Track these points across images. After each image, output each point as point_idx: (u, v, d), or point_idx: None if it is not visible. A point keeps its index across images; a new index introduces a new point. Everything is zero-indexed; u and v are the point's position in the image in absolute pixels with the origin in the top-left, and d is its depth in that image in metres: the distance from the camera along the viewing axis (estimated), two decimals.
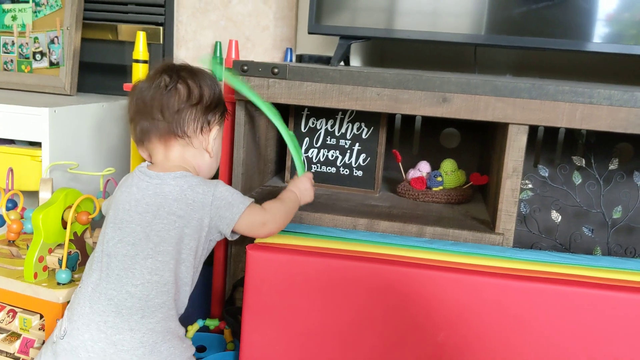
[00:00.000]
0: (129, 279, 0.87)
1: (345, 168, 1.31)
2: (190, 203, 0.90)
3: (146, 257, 0.88)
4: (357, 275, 0.95)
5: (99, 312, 0.86)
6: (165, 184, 0.91)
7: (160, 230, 0.88)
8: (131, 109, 0.96)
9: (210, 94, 0.96)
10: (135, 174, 0.94)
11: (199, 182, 0.92)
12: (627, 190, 1.21)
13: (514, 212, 1.06)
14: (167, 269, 0.88)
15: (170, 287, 0.89)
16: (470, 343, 0.92)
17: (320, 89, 1.08)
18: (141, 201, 0.90)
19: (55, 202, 1.01)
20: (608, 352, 0.90)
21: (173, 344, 0.90)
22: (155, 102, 0.93)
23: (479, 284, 0.91)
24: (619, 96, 0.98)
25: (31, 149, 1.35)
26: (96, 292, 0.88)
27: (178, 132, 0.93)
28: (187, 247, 0.90)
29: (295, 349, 0.98)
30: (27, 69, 1.62)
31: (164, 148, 0.95)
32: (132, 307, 0.87)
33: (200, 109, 0.94)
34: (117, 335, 0.86)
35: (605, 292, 0.89)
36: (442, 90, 1.04)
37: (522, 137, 1.04)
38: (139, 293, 0.87)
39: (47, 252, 1.02)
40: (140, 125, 0.94)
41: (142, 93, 0.94)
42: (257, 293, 0.97)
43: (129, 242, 0.89)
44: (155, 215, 0.89)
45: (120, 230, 0.89)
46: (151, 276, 0.88)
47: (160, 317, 0.88)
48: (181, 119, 0.93)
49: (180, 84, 0.94)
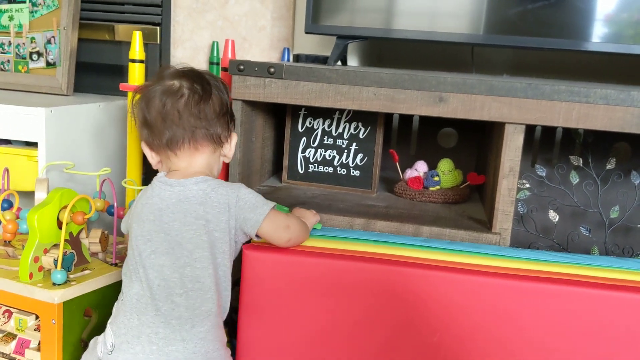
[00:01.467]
0: (172, 289, 0.87)
1: (342, 168, 1.31)
2: (215, 205, 0.90)
3: (184, 265, 0.88)
4: (353, 276, 0.94)
5: (147, 323, 0.86)
6: (187, 190, 0.90)
7: (193, 237, 0.88)
8: (154, 114, 0.92)
9: (229, 102, 0.99)
10: (155, 185, 0.93)
11: (220, 184, 0.92)
12: (625, 190, 1.21)
13: (510, 212, 1.06)
14: (206, 275, 0.89)
15: (213, 294, 0.89)
16: (467, 343, 0.92)
17: (316, 88, 1.08)
18: (165, 210, 0.90)
19: (51, 203, 1.01)
20: (604, 351, 0.90)
21: (221, 353, 0.91)
22: (192, 110, 0.91)
23: (476, 284, 0.91)
24: (615, 95, 0.97)
25: (27, 149, 1.35)
26: (141, 303, 0.88)
27: (215, 138, 0.94)
28: (220, 250, 0.90)
29: (292, 348, 0.97)
30: (23, 69, 1.62)
31: (192, 153, 0.93)
32: (180, 317, 0.87)
33: (227, 117, 0.97)
34: (170, 346, 0.86)
35: (602, 291, 0.89)
36: (439, 90, 1.04)
37: (519, 137, 1.03)
38: (185, 302, 0.87)
39: (42, 252, 1.01)
40: (170, 132, 0.91)
41: (168, 100, 0.91)
42: (253, 293, 0.97)
43: (162, 252, 0.88)
44: (183, 222, 0.89)
45: (151, 242, 0.89)
46: (192, 284, 0.88)
47: (210, 326, 0.89)
48: (217, 126, 0.94)
49: (213, 94, 0.94)
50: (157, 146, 0.94)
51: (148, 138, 0.95)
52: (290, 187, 1.32)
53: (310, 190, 1.30)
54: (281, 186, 1.32)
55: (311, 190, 1.30)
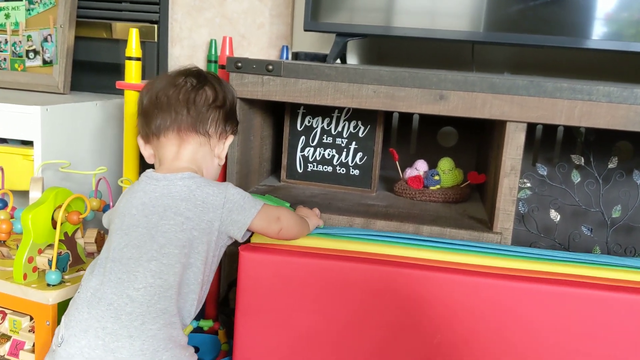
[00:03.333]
0: (131, 282, 0.84)
1: (341, 167, 1.29)
2: (199, 204, 0.88)
3: (150, 259, 0.85)
4: (351, 276, 0.93)
5: (97, 317, 0.83)
6: (172, 185, 0.89)
7: (167, 232, 0.86)
8: (147, 103, 0.94)
9: (232, 102, 0.98)
10: (141, 180, 0.92)
11: (207, 183, 0.90)
12: (627, 189, 1.20)
13: (512, 211, 1.05)
14: (171, 273, 0.85)
15: (174, 292, 0.86)
16: (468, 343, 0.91)
17: (315, 86, 1.07)
18: (148, 204, 0.88)
19: (45, 202, 1.00)
20: (606, 352, 0.88)
21: (175, 352, 0.86)
22: (181, 97, 0.92)
23: (475, 285, 0.90)
24: (618, 93, 0.96)
25: (23, 148, 1.33)
26: (95, 296, 0.85)
27: (200, 129, 0.93)
28: (195, 250, 0.87)
29: (289, 350, 0.96)
30: (20, 68, 1.60)
31: (179, 143, 0.93)
32: (132, 313, 0.83)
33: (223, 113, 0.95)
34: (116, 342, 0.82)
35: (604, 292, 0.88)
36: (439, 88, 1.03)
37: (520, 135, 1.02)
38: (141, 297, 0.84)
39: (36, 252, 1.00)
40: (159, 118, 0.92)
41: (164, 90, 0.93)
42: (250, 294, 0.96)
43: (134, 245, 0.86)
44: (161, 216, 0.87)
45: (127, 236, 0.87)
46: (154, 279, 0.84)
47: (162, 324, 0.85)
48: (206, 117, 0.93)
49: (208, 87, 0.95)
50: (147, 135, 0.94)
51: (141, 129, 0.95)
52: (289, 186, 1.31)
53: (310, 189, 1.29)
54: (280, 185, 1.31)
55: (310, 189, 1.29)
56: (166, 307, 0.85)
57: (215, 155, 0.96)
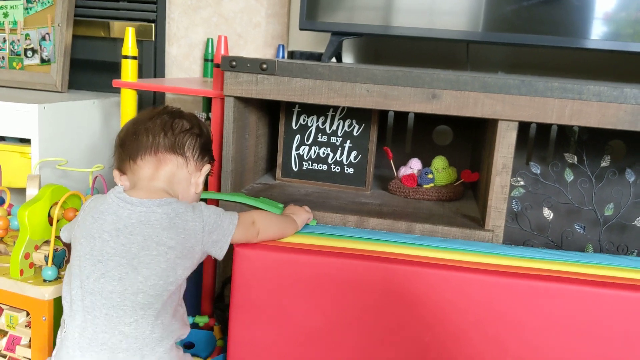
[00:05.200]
0: (120, 318, 0.81)
1: (336, 165, 1.30)
2: (180, 231, 0.86)
3: (136, 292, 0.82)
4: (344, 273, 0.94)
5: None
6: (151, 212, 0.85)
7: (150, 263, 0.83)
8: (124, 134, 0.93)
9: (207, 134, 0.98)
10: (111, 200, 0.87)
11: (186, 209, 0.88)
12: (619, 188, 1.21)
13: (503, 209, 1.06)
14: (159, 301, 0.84)
15: (165, 318, 0.85)
16: (460, 340, 0.92)
17: (309, 85, 1.08)
18: (123, 231, 0.84)
19: (42, 199, 1.01)
20: (597, 349, 0.89)
21: None
22: (157, 126, 0.92)
23: (469, 281, 0.91)
24: (608, 92, 0.97)
25: (21, 146, 1.35)
26: (84, 337, 0.82)
27: (177, 149, 0.92)
28: (180, 276, 0.86)
29: (283, 346, 0.97)
30: (18, 66, 1.61)
31: (156, 165, 0.91)
32: (128, 349, 0.81)
33: (200, 141, 0.95)
34: None
35: (595, 289, 0.89)
36: (432, 87, 1.04)
37: (512, 134, 1.03)
38: (134, 332, 0.82)
39: (33, 249, 1.01)
40: (136, 142, 0.91)
41: (142, 122, 0.93)
42: (244, 290, 0.97)
43: (114, 277, 0.82)
44: (142, 246, 0.83)
45: (102, 264, 0.83)
46: (144, 311, 0.82)
47: (162, 352, 0.84)
48: (183, 141, 0.93)
49: (184, 119, 0.96)
50: (123, 162, 0.92)
51: (118, 159, 0.94)
52: (284, 184, 1.32)
53: (304, 187, 1.30)
54: (275, 184, 1.32)
55: (305, 187, 1.30)
56: (162, 334, 0.84)
57: (192, 183, 0.95)
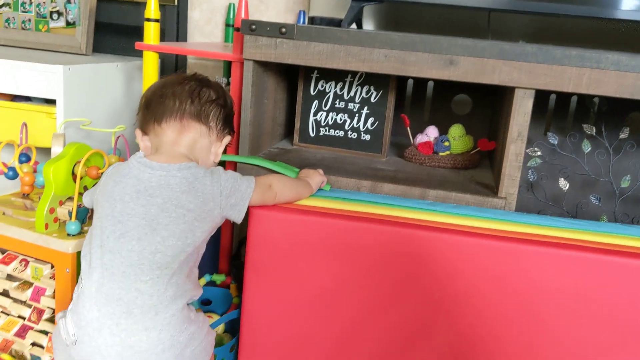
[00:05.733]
0: (137, 276, 0.84)
1: (353, 132, 1.32)
2: (199, 195, 0.88)
3: (154, 251, 0.85)
4: (358, 236, 0.96)
5: (108, 315, 0.84)
6: (171, 176, 0.88)
7: (169, 224, 0.86)
8: (150, 95, 0.95)
9: (231, 106, 1.00)
10: (132, 165, 0.91)
11: (204, 174, 0.90)
12: (637, 160, 1.20)
13: (517, 177, 1.06)
14: (176, 261, 0.86)
15: (179, 278, 0.87)
16: (466, 304, 0.94)
17: (327, 49, 1.08)
18: (143, 193, 0.87)
19: (66, 156, 1.04)
20: (604, 316, 0.90)
21: (190, 330, 0.89)
22: (185, 92, 0.94)
23: (476, 246, 0.92)
24: (626, 61, 0.96)
25: (47, 107, 1.38)
26: (101, 292, 0.85)
27: (202, 117, 0.94)
28: (198, 238, 0.89)
29: (295, 304, 1.00)
30: (44, 29, 1.64)
31: (180, 130, 0.93)
32: (143, 306, 0.84)
33: (224, 112, 0.97)
34: (132, 337, 0.83)
35: (604, 256, 0.89)
36: (450, 53, 1.04)
37: (528, 102, 1.03)
38: (150, 289, 0.84)
39: (57, 204, 1.05)
40: (163, 105, 0.93)
41: (170, 85, 0.95)
42: (259, 250, 1.00)
43: (134, 236, 0.85)
44: (162, 208, 0.86)
45: (122, 224, 0.86)
46: (160, 271, 0.85)
47: (175, 309, 0.86)
48: (209, 109, 0.95)
49: (211, 88, 0.97)
50: (147, 123, 0.94)
51: (141, 119, 0.96)
52: (301, 149, 1.34)
53: (320, 153, 1.32)
54: (292, 149, 1.34)
55: (321, 153, 1.32)
56: (175, 293, 0.87)
57: (212, 152, 0.97)
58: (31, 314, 1.08)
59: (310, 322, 1.00)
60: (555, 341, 0.92)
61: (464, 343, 0.95)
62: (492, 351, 0.94)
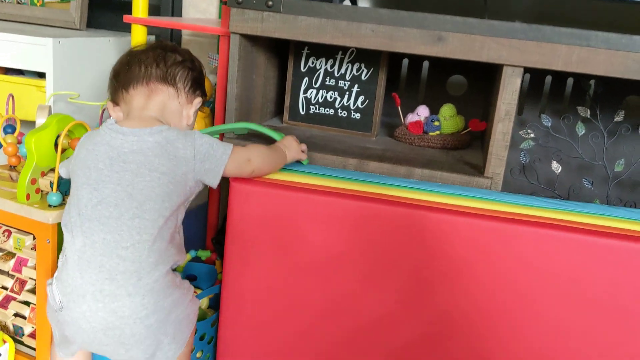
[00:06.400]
0: (117, 242, 0.85)
1: (343, 110, 1.30)
2: (172, 158, 0.88)
3: (132, 217, 0.85)
4: (339, 212, 0.95)
5: (91, 281, 0.85)
6: (142, 141, 0.88)
7: (144, 189, 0.86)
8: (118, 65, 0.97)
9: (199, 69, 1.00)
10: (104, 132, 0.91)
11: (177, 136, 0.90)
12: (632, 144, 1.18)
13: (504, 157, 1.05)
14: (155, 226, 0.86)
15: (161, 244, 0.88)
16: (447, 281, 0.93)
17: (315, 23, 1.07)
18: (117, 159, 0.87)
19: (48, 127, 1.03)
20: (587, 297, 0.89)
21: (174, 296, 0.89)
22: (150, 58, 0.95)
23: (457, 224, 0.91)
24: (617, 40, 0.94)
25: (37, 80, 1.38)
26: (84, 260, 0.86)
27: (169, 79, 0.94)
28: (173, 202, 0.89)
29: (276, 281, 0.99)
30: (39, 3, 1.64)
31: (147, 94, 0.94)
32: (125, 272, 0.85)
33: (192, 74, 0.98)
34: (115, 302, 0.84)
35: (586, 237, 0.88)
36: (438, 29, 1.02)
37: (517, 80, 1.01)
38: (131, 255, 0.85)
39: (39, 175, 1.04)
40: (129, 73, 0.94)
41: (136, 54, 0.97)
42: (239, 225, 0.99)
43: (111, 203, 0.86)
44: (135, 173, 0.86)
45: (98, 192, 0.87)
46: (140, 236, 0.85)
47: (158, 275, 0.87)
48: (175, 71, 0.96)
49: (177, 53, 0.98)
50: (117, 92, 0.95)
51: (111, 91, 0.97)
52: (291, 127, 1.32)
53: (310, 131, 1.30)
54: (281, 127, 1.32)
55: (311, 131, 1.30)
56: (157, 259, 0.87)
57: (183, 116, 0.98)
58: (14, 285, 1.09)
59: (290, 297, 0.99)
60: (539, 320, 0.91)
61: (448, 320, 0.94)
62: (478, 330, 0.93)
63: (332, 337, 0.99)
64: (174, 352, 0.91)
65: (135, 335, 0.86)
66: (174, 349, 0.91)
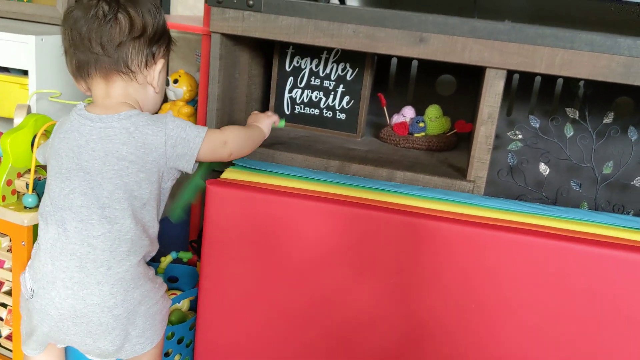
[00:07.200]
0: (89, 231, 0.84)
1: (328, 110, 1.28)
2: (140, 146, 0.85)
3: (102, 206, 0.84)
4: (316, 215, 0.94)
5: (62, 268, 0.85)
6: (109, 127, 0.85)
7: (113, 177, 0.85)
8: (65, 41, 0.90)
9: (153, 24, 0.90)
10: (74, 118, 0.89)
11: (146, 122, 0.87)
12: (621, 146, 1.16)
13: (486, 160, 1.03)
14: (126, 216, 0.85)
15: (134, 234, 0.86)
16: (425, 285, 0.91)
17: (295, 23, 1.05)
18: (85, 147, 0.85)
19: (25, 127, 1.02)
20: (567, 304, 0.88)
21: (145, 288, 0.89)
22: (93, 34, 0.86)
23: (434, 229, 0.89)
24: (601, 42, 0.92)
25: (20, 77, 1.36)
26: (56, 247, 0.85)
27: (121, 68, 0.88)
28: (146, 191, 0.87)
29: (254, 284, 0.98)
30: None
31: (105, 84, 0.89)
32: (96, 260, 0.84)
33: (144, 41, 0.89)
34: (84, 290, 0.84)
35: (561, 243, 0.87)
36: (420, 30, 1.00)
37: (499, 82, 0.99)
38: (102, 244, 0.84)
39: (15, 176, 1.03)
40: (76, 58, 0.88)
41: (77, 23, 0.87)
42: (216, 228, 0.98)
43: (81, 192, 0.85)
44: (104, 161, 0.84)
45: (69, 181, 0.85)
46: (111, 225, 0.85)
47: (128, 265, 0.86)
48: (124, 53, 0.87)
49: (120, 14, 0.87)
50: (74, 75, 0.91)
51: (69, 67, 0.92)
52: (274, 127, 1.30)
53: (295, 131, 1.28)
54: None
55: (295, 131, 1.28)
56: (129, 249, 0.86)
57: (147, 86, 0.92)
58: None
59: (268, 301, 0.98)
60: (521, 324, 0.90)
61: (429, 324, 0.93)
62: (459, 333, 0.92)
63: (309, 340, 0.98)
64: (142, 347, 0.90)
65: (102, 324, 0.85)
66: (142, 342, 0.90)
